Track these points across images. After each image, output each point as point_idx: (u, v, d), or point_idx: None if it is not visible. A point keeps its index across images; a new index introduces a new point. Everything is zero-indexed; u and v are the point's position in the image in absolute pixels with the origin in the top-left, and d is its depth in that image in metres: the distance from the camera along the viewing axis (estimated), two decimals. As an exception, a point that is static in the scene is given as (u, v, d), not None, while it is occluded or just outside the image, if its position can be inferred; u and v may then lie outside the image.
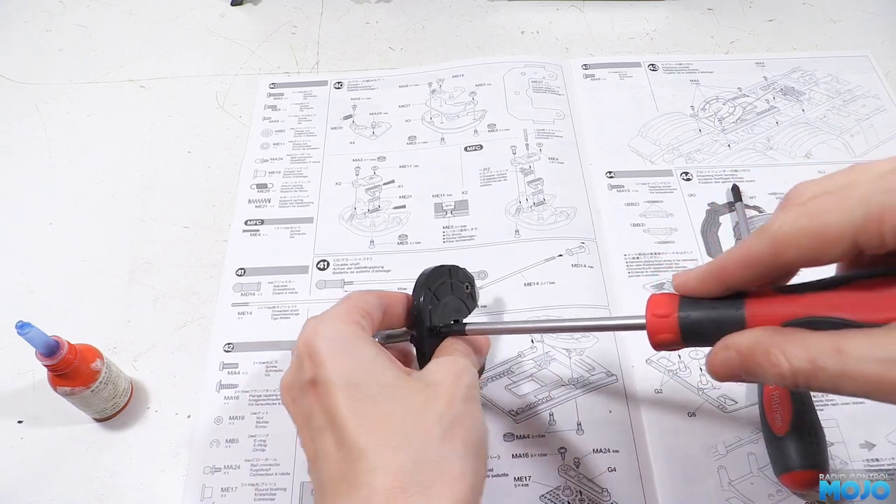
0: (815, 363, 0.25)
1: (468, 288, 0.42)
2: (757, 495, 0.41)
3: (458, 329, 0.39)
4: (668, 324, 0.31)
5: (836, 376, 0.25)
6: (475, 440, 0.30)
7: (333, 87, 0.65)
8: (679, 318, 0.31)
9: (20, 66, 0.68)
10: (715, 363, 0.29)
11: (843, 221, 0.25)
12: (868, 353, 0.24)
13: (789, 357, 0.26)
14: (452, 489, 0.28)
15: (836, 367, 0.25)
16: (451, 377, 0.32)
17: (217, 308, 0.50)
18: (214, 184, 0.58)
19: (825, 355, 0.25)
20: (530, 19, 0.71)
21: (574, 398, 0.45)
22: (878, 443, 0.43)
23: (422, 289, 0.38)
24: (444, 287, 0.40)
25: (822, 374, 0.25)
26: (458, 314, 0.41)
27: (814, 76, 0.64)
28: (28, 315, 0.39)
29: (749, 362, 0.27)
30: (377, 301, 0.35)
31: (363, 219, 0.55)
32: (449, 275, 0.41)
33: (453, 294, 0.41)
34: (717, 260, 0.30)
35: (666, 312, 0.31)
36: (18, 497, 0.43)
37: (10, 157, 0.61)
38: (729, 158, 0.58)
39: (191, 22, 0.71)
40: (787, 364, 0.26)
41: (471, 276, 0.43)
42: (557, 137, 0.59)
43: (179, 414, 0.46)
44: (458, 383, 0.32)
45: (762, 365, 0.27)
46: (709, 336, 0.30)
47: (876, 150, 0.58)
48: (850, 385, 0.25)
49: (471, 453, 0.30)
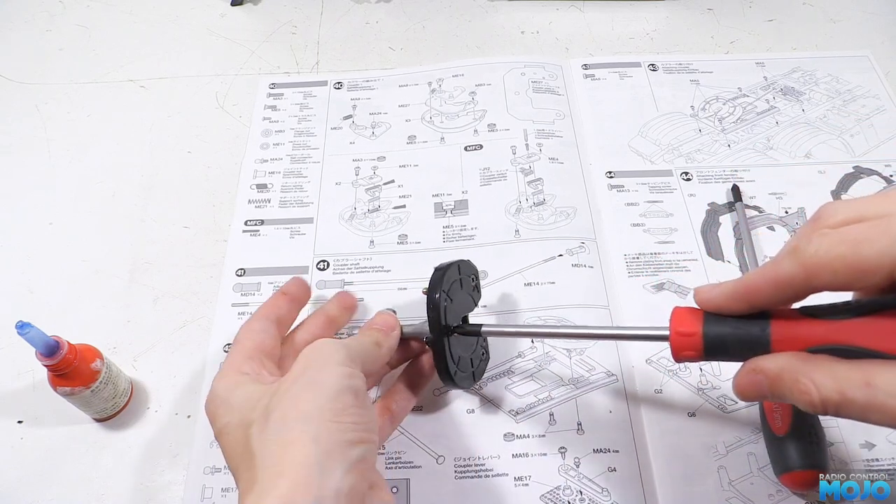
0: (844, 395, 0.26)
1: (474, 280, 0.43)
2: (757, 495, 0.41)
3: (473, 330, 0.41)
4: (693, 342, 0.32)
5: (865, 408, 0.25)
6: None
7: (333, 87, 0.65)
8: (703, 336, 0.31)
9: (20, 66, 0.68)
10: (743, 384, 0.30)
11: (884, 254, 0.25)
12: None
13: (819, 386, 0.26)
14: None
15: (866, 399, 0.25)
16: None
17: (217, 308, 0.50)
18: (214, 184, 0.58)
19: (855, 387, 0.25)
20: (530, 19, 0.71)
21: (574, 398, 0.45)
22: (878, 443, 0.43)
23: (439, 293, 0.38)
24: (456, 285, 0.41)
25: (851, 405, 0.26)
26: (466, 309, 0.42)
27: (814, 76, 0.64)
28: (28, 315, 0.39)
29: (777, 387, 0.28)
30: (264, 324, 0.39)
31: (363, 219, 0.55)
32: (458, 271, 0.41)
33: (463, 290, 0.42)
34: (745, 278, 0.30)
35: (691, 331, 0.32)
36: (18, 497, 0.43)
37: (10, 157, 0.61)
38: (729, 158, 0.58)
39: (191, 22, 0.71)
40: (816, 393, 0.26)
41: (475, 268, 0.44)
42: (557, 137, 0.59)
43: (179, 414, 0.46)
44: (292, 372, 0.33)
45: (791, 390, 0.27)
46: (732, 353, 0.31)
47: (876, 149, 0.58)
48: (878, 417, 0.25)
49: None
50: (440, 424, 0.44)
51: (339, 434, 0.30)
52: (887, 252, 0.25)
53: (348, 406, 0.31)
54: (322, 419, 0.30)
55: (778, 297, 0.29)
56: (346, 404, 0.31)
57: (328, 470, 0.29)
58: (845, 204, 0.28)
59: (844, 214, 0.27)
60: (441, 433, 0.44)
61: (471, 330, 0.41)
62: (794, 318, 0.30)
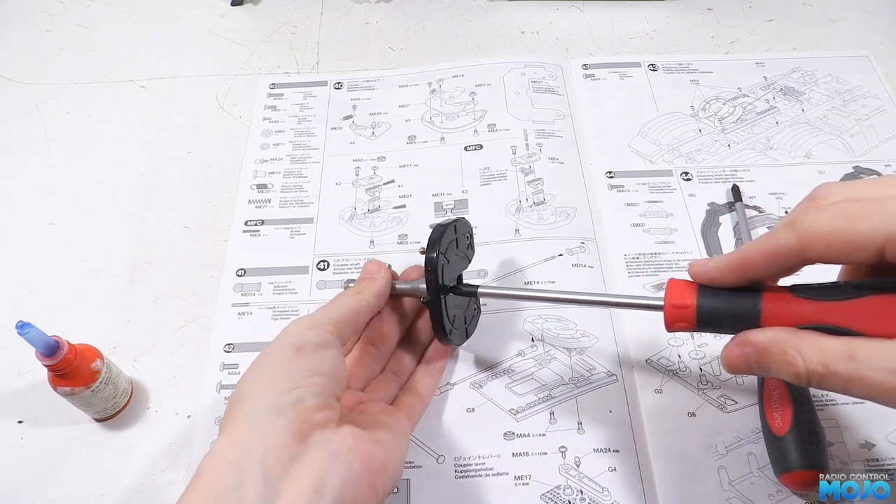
0: (828, 367, 0.28)
1: (468, 238, 0.44)
2: (757, 495, 0.41)
3: (470, 291, 0.42)
4: (686, 314, 0.33)
5: (847, 380, 0.27)
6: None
7: (333, 87, 0.65)
8: (697, 309, 0.32)
9: (20, 66, 0.68)
10: (732, 356, 0.31)
11: (877, 230, 0.27)
12: (879, 363, 0.26)
13: (805, 358, 0.28)
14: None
15: (848, 371, 0.27)
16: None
17: (217, 308, 0.50)
18: (214, 184, 0.58)
19: (838, 360, 0.27)
20: (530, 19, 0.71)
21: (574, 397, 0.45)
22: (878, 443, 0.43)
23: (436, 252, 0.39)
24: (452, 245, 0.42)
25: (834, 377, 0.28)
26: (461, 267, 0.44)
27: (814, 76, 0.64)
28: (28, 315, 0.39)
29: (764, 358, 0.30)
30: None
31: (363, 219, 0.55)
32: (455, 231, 0.42)
33: (458, 249, 0.43)
34: (740, 250, 0.32)
35: (685, 303, 0.33)
36: (18, 497, 0.43)
37: (10, 157, 0.61)
38: (729, 158, 0.58)
39: (191, 22, 0.71)
40: (802, 364, 0.28)
41: (470, 226, 0.44)
42: (557, 137, 0.59)
43: (179, 414, 0.46)
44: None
45: (778, 362, 0.29)
46: (723, 326, 0.32)
47: (876, 149, 0.58)
48: (859, 389, 0.27)
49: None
50: (440, 424, 0.44)
51: (271, 387, 0.32)
52: (880, 228, 0.27)
53: (284, 361, 0.34)
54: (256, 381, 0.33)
55: (773, 269, 0.30)
56: (282, 360, 0.34)
57: (256, 418, 0.31)
58: (841, 185, 0.29)
59: (841, 195, 0.28)
60: (441, 432, 0.44)
61: (467, 291, 0.42)
62: (784, 296, 0.31)
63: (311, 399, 0.32)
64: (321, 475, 0.30)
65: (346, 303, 0.39)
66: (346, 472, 0.31)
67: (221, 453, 0.31)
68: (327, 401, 0.33)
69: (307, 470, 0.30)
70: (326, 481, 0.30)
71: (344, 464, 0.31)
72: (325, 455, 0.31)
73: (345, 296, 0.40)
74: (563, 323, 0.48)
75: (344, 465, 0.31)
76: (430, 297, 0.40)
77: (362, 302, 0.39)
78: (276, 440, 0.31)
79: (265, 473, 0.30)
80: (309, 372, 0.34)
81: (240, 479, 0.29)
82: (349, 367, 0.40)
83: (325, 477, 0.30)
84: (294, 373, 0.33)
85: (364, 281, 0.41)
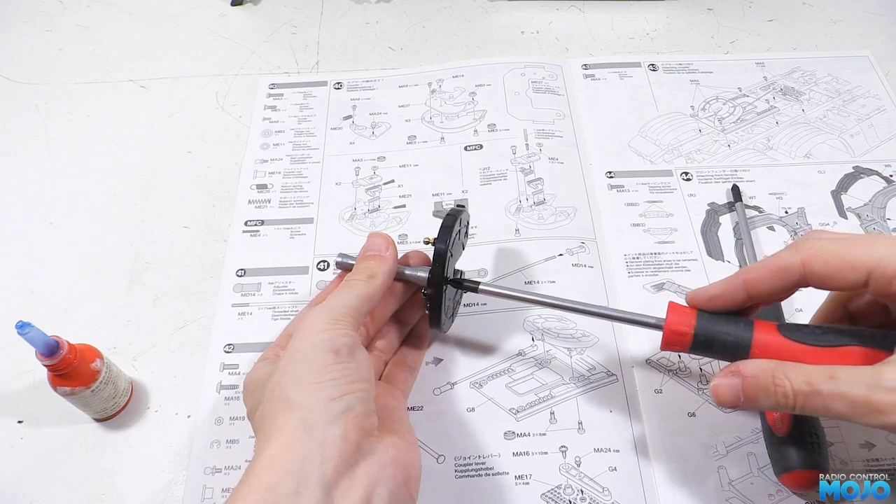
0: (812, 386, 0.31)
1: (466, 227, 0.45)
2: (757, 495, 0.41)
3: (471, 287, 0.42)
4: (683, 340, 0.36)
5: (829, 397, 0.31)
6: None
7: (333, 87, 0.65)
8: (694, 336, 0.35)
9: (20, 66, 0.67)
10: (721, 387, 0.34)
11: (869, 255, 0.32)
12: (857, 379, 0.30)
13: (791, 380, 0.32)
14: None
15: (830, 388, 0.31)
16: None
17: (217, 308, 0.50)
18: (214, 184, 0.58)
19: (821, 380, 0.31)
20: (530, 19, 0.71)
21: (575, 397, 0.45)
22: (878, 443, 0.43)
23: (446, 243, 0.40)
24: (457, 236, 0.42)
25: (816, 396, 0.31)
26: (458, 257, 0.44)
27: (814, 76, 0.64)
28: (28, 315, 0.39)
29: (753, 386, 0.33)
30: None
31: (363, 219, 0.55)
32: (460, 223, 0.42)
33: (459, 240, 0.43)
34: (744, 269, 0.36)
35: (683, 330, 0.36)
36: (18, 497, 0.43)
37: (10, 157, 0.61)
38: (729, 158, 0.58)
39: (191, 22, 0.71)
40: (789, 386, 0.32)
41: (469, 214, 0.45)
42: (557, 137, 0.59)
43: (179, 414, 0.46)
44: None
45: (766, 388, 0.32)
46: (714, 352, 0.36)
47: (876, 149, 0.58)
48: (840, 405, 0.30)
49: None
50: (440, 423, 0.44)
51: (320, 393, 0.32)
52: (871, 254, 0.32)
53: (326, 365, 0.33)
54: (301, 384, 0.33)
55: (775, 285, 0.34)
56: (324, 363, 0.33)
57: (311, 426, 0.31)
58: (837, 231, 0.35)
59: (837, 232, 0.34)
60: (441, 432, 0.44)
61: (469, 286, 0.42)
62: (773, 333, 0.34)
63: (358, 406, 0.33)
64: (371, 487, 0.31)
65: (360, 290, 0.38)
66: (392, 484, 0.32)
67: (278, 459, 0.30)
68: (371, 406, 0.34)
69: (359, 482, 0.31)
70: (375, 494, 0.31)
71: (390, 476, 0.32)
72: (374, 468, 0.32)
73: (358, 281, 0.39)
74: (563, 322, 0.48)
75: (390, 478, 0.32)
76: (432, 290, 0.40)
77: (376, 287, 0.39)
78: (333, 450, 0.31)
79: (323, 482, 0.30)
80: (351, 378, 0.34)
81: (298, 488, 0.29)
82: None
83: (374, 489, 0.31)
84: (339, 379, 0.33)
85: (373, 259, 0.40)
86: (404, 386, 0.42)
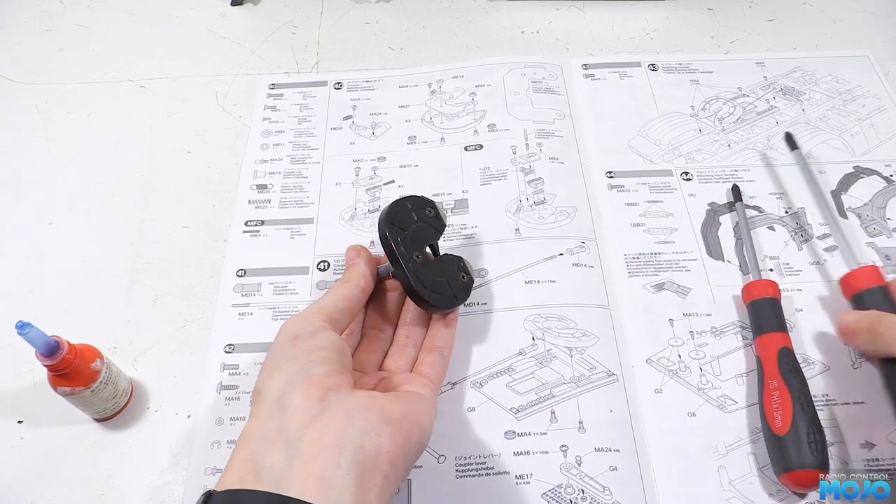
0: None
1: (431, 211, 0.45)
2: (757, 495, 0.41)
3: (436, 255, 0.45)
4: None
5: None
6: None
7: (333, 87, 0.65)
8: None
9: (20, 66, 0.67)
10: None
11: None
12: None
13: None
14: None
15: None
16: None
17: (217, 308, 0.50)
18: (214, 184, 0.58)
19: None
20: (530, 19, 0.71)
21: (575, 396, 0.45)
22: (878, 443, 0.43)
23: (384, 226, 0.42)
24: (408, 218, 0.44)
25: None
26: (430, 239, 0.45)
27: (814, 76, 0.64)
28: (28, 315, 0.39)
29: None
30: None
31: (363, 219, 0.55)
32: (408, 206, 0.44)
33: (419, 221, 0.44)
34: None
35: None
36: (18, 497, 0.43)
37: (10, 157, 0.61)
38: (729, 158, 0.58)
39: (191, 22, 0.71)
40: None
41: (430, 200, 0.46)
42: (557, 137, 0.59)
43: (179, 414, 0.46)
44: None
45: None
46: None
47: (876, 149, 0.58)
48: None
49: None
50: (441, 423, 0.44)
51: (280, 371, 0.35)
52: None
53: (286, 350, 0.36)
54: (266, 373, 0.36)
55: None
56: (284, 350, 0.36)
57: (275, 400, 0.34)
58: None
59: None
60: (442, 432, 0.44)
61: (439, 257, 0.45)
62: None
63: (317, 368, 0.35)
64: (339, 430, 0.32)
65: (335, 291, 0.41)
66: (364, 424, 0.33)
67: (249, 434, 0.33)
68: (335, 368, 0.35)
69: (325, 428, 0.32)
70: (346, 434, 0.32)
71: (361, 418, 0.33)
72: (341, 413, 0.33)
73: (333, 286, 0.42)
74: (563, 322, 0.48)
75: (361, 419, 0.33)
76: (393, 267, 0.42)
77: (349, 286, 0.42)
78: (294, 410, 0.33)
79: (286, 438, 0.32)
80: (309, 350, 0.36)
81: (266, 450, 0.31)
82: (360, 353, 0.43)
83: (344, 430, 0.32)
84: (297, 355, 0.35)
85: (348, 269, 0.43)
86: (432, 368, 0.42)
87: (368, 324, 0.45)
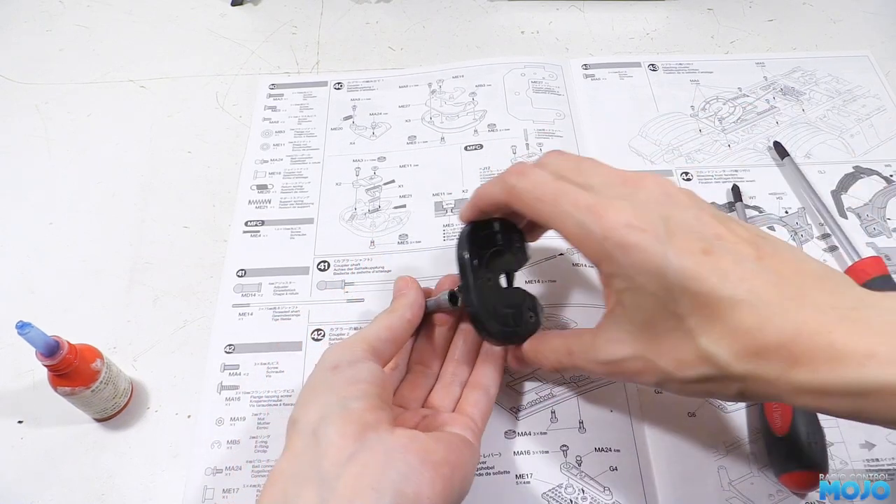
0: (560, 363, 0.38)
1: (518, 241, 0.42)
2: (757, 495, 0.41)
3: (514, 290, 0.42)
4: None
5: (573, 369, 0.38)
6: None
7: (333, 87, 0.65)
8: None
9: (20, 66, 0.67)
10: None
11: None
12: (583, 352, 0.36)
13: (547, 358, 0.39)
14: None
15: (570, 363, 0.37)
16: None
17: (217, 309, 0.50)
18: (214, 184, 0.58)
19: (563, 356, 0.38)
20: (530, 19, 0.71)
21: (575, 396, 0.45)
22: (878, 443, 0.43)
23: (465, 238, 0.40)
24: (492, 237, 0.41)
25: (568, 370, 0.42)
26: (508, 266, 0.42)
27: (814, 76, 0.64)
28: (28, 315, 0.39)
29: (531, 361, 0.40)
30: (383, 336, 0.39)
31: (363, 219, 0.55)
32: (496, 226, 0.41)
33: (502, 245, 0.41)
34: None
35: None
36: (18, 497, 0.43)
37: (10, 157, 0.61)
38: (729, 158, 0.58)
39: (191, 22, 0.71)
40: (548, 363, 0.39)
41: (520, 230, 0.42)
42: (557, 137, 0.59)
43: (179, 414, 0.46)
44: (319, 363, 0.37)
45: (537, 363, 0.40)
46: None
47: (876, 149, 0.58)
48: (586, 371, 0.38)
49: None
50: (441, 424, 0.44)
51: (316, 402, 0.34)
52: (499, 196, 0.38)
53: (325, 379, 0.35)
54: (302, 403, 0.35)
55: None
56: (322, 379, 0.35)
57: (310, 434, 0.33)
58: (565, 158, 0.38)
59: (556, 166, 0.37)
60: (441, 433, 0.44)
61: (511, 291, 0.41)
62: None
63: (355, 403, 0.33)
64: (378, 472, 0.30)
65: (380, 321, 0.39)
66: (403, 467, 0.31)
67: (280, 471, 0.32)
68: (374, 403, 0.34)
69: (363, 468, 0.30)
70: (384, 476, 0.30)
71: (400, 460, 0.31)
72: (380, 454, 0.31)
73: (379, 315, 0.40)
74: (563, 321, 0.48)
75: (400, 461, 0.31)
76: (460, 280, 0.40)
77: (394, 316, 0.40)
78: (329, 447, 0.31)
79: (321, 476, 0.30)
80: (348, 381, 0.34)
81: (298, 490, 0.30)
82: (403, 388, 0.41)
83: (382, 473, 0.30)
84: (335, 385, 0.34)
85: (395, 299, 0.41)
86: (475, 407, 0.40)
87: (415, 358, 0.43)
